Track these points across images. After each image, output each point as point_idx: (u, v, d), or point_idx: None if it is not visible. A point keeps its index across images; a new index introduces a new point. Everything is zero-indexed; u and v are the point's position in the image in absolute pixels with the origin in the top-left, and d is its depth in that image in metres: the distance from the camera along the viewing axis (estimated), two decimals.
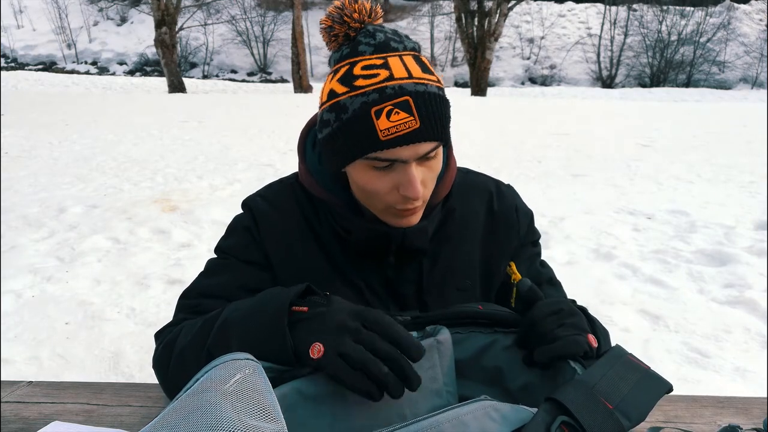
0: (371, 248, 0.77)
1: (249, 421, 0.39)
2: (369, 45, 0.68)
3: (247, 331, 0.59)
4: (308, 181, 0.80)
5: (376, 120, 0.64)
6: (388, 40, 0.69)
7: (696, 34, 32.10)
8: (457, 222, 0.83)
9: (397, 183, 0.69)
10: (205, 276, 0.82)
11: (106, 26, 34.41)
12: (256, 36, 33.28)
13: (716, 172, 5.99)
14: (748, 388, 1.93)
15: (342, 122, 0.67)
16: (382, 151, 0.66)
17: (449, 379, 0.63)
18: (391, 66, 0.66)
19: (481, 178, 0.91)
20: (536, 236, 0.92)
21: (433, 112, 0.66)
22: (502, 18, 19.54)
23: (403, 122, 0.64)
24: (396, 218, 0.74)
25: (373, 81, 0.65)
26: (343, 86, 0.67)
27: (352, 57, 0.68)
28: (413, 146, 0.66)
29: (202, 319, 0.67)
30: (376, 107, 0.64)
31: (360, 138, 0.66)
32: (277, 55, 32.93)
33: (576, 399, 0.47)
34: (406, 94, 0.65)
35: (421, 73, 0.68)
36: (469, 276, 0.82)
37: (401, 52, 0.69)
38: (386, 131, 0.64)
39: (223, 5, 30.87)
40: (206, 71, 32.74)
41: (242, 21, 32.40)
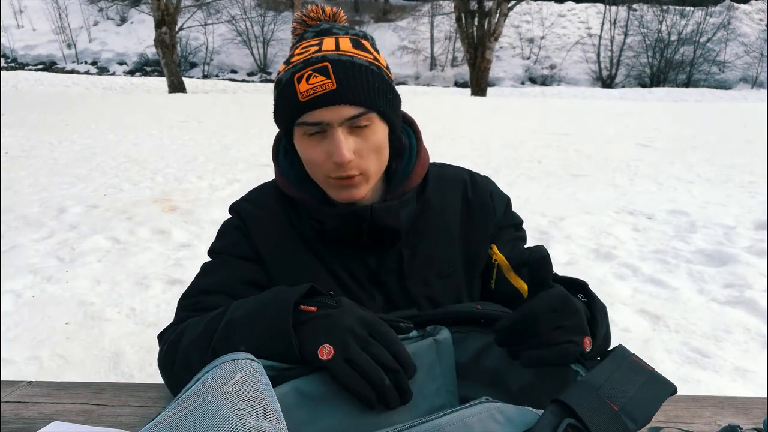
0: (344, 232, 0.79)
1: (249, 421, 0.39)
2: (312, 32, 0.77)
3: (251, 331, 0.60)
4: (282, 182, 0.84)
5: (297, 84, 0.70)
6: (332, 28, 0.77)
7: (696, 34, 32.10)
8: (434, 212, 0.85)
9: (328, 151, 0.72)
10: (202, 276, 0.84)
11: (106, 26, 34.40)
12: (256, 36, 33.30)
13: (716, 172, 5.99)
14: (748, 388, 1.93)
15: (277, 93, 0.75)
16: (305, 114, 0.70)
17: (449, 379, 0.63)
18: (323, 42, 0.73)
19: (455, 169, 0.93)
20: (517, 220, 0.92)
21: (354, 78, 0.70)
22: (502, 18, 19.54)
23: (320, 84, 0.69)
24: (336, 190, 0.76)
25: (302, 56, 0.72)
26: (284, 65, 0.75)
27: (297, 43, 0.77)
28: (333, 108, 0.70)
29: (206, 319, 0.67)
30: (298, 74, 0.70)
31: (287, 103, 0.72)
32: (277, 55, 32.92)
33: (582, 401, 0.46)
34: (326, 61, 0.70)
35: (352, 49, 0.72)
36: (449, 263, 0.84)
37: (340, 35, 0.75)
38: (304, 93, 0.69)
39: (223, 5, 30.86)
40: (206, 71, 32.74)
41: (242, 21, 32.42)
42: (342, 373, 0.54)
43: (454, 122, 10.04)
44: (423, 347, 0.62)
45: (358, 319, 0.57)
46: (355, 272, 0.81)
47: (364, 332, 0.56)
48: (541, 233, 3.65)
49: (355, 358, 0.54)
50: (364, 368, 0.54)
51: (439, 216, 0.85)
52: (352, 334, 0.55)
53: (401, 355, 0.56)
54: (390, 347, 0.56)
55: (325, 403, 0.56)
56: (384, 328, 0.57)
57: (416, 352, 0.61)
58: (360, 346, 0.55)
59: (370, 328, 0.57)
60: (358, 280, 0.81)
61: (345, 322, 0.56)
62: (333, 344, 0.55)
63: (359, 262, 0.81)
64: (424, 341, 0.63)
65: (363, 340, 0.55)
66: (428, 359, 0.62)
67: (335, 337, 0.55)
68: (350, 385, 0.54)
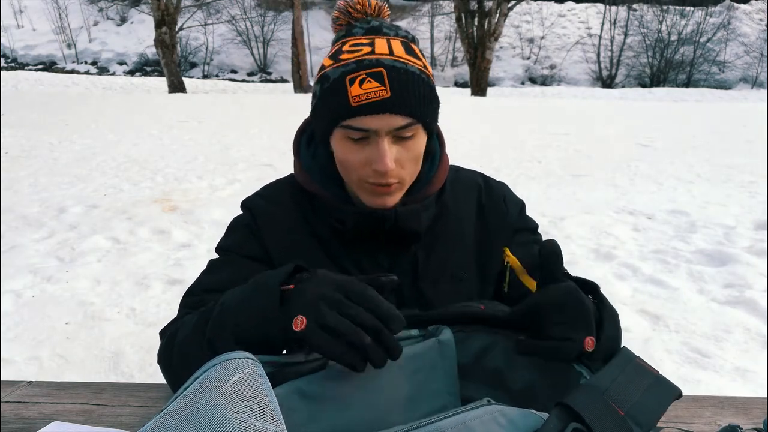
0: (365, 232, 0.78)
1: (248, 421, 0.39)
2: (361, 28, 0.74)
3: (241, 317, 0.59)
4: (302, 177, 0.83)
5: (349, 87, 0.68)
6: (382, 26, 0.74)
7: (696, 34, 32.09)
8: (449, 217, 0.86)
9: (369, 157, 0.71)
10: (207, 273, 0.83)
11: (106, 26, 34.39)
12: (256, 36, 33.29)
13: (716, 172, 5.99)
14: (748, 388, 1.93)
15: (323, 90, 0.72)
16: (354, 118, 0.69)
17: (451, 380, 0.63)
18: (375, 43, 0.70)
19: (470, 173, 0.94)
20: (531, 224, 0.93)
21: (408, 88, 0.68)
22: (502, 18, 19.53)
23: (374, 90, 0.67)
24: (370, 195, 0.76)
25: (355, 54, 0.70)
26: (330, 60, 0.73)
27: (344, 38, 0.74)
28: (383, 117, 0.68)
29: (200, 311, 0.68)
30: (351, 75, 0.68)
31: (335, 104, 0.70)
32: (277, 55, 32.92)
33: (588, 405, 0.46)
34: (381, 66, 0.68)
35: (404, 54, 0.71)
36: (463, 267, 0.84)
37: (391, 37, 0.73)
38: (357, 98, 0.67)
39: (223, 5, 30.85)
40: (206, 71, 32.73)
41: (242, 21, 32.40)
42: (317, 341, 0.52)
43: (454, 122, 10.02)
44: (425, 347, 0.62)
45: (332, 284, 0.55)
46: (368, 271, 0.81)
47: (339, 295, 0.54)
48: (541, 233, 3.65)
49: (329, 322, 0.52)
50: (341, 331, 0.51)
51: (455, 220, 0.86)
52: (324, 299, 0.54)
53: (381, 310, 0.53)
54: (368, 304, 0.53)
55: (325, 404, 0.56)
56: (359, 287, 0.55)
57: (418, 352, 0.61)
58: (335, 310, 0.53)
59: (345, 290, 0.55)
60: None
61: (317, 289, 0.55)
62: (305, 313, 0.53)
63: (373, 262, 0.81)
64: (427, 341, 0.63)
65: (338, 302, 0.53)
66: (430, 359, 0.62)
67: (307, 305, 0.54)
68: (328, 352, 0.52)
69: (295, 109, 11.92)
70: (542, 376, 0.62)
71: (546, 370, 0.62)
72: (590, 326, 0.60)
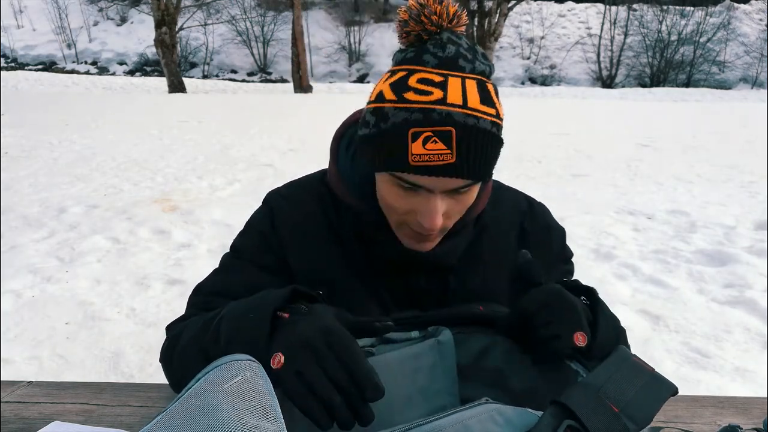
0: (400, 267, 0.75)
1: (249, 421, 0.39)
2: (435, 56, 0.63)
3: (234, 334, 0.58)
4: (337, 184, 0.77)
5: (411, 142, 0.60)
6: (458, 56, 0.63)
7: (696, 34, 32.08)
8: (488, 240, 0.81)
9: (417, 208, 0.66)
10: (218, 273, 0.81)
11: (106, 26, 34.40)
12: (256, 36, 33.29)
13: (716, 172, 5.99)
14: (748, 388, 1.93)
15: (380, 130, 0.64)
16: (409, 174, 0.63)
17: (450, 380, 0.63)
18: (448, 87, 0.61)
19: (513, 193, 0.88)
20: (569, 254, 0.90)
21: (475, 151, 0.62)
22: (502, 18, 19.54)
23: (438, 153, 0.60)
24: (409, 239, 0.72)
25: (423, 98, 0.61)
26: (393, 93, 0.63)
27: (413, 64, 0.64)
28: (442, 179, 0.63)
29: (204, 319, 0.67)
30: (415, 129, 0.60)
31: (391, 153, 0.63)
32: (277, 55, 32.92)
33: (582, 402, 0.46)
34: (450, 125, 0.60)
35: (479, 104, 0.62)
36: (495, 295, 0.79)
37: (466, 74, 0.63)
38: (417, 157, 0.61)
39: (223, 5, 30.84)
40: (206, 71, 32.73)
41: (242, 21, 32.39)
42: (290, 386, 0.50)
43: None
44: (425, 348, 0.62)
45: (320, 329, 0.52)
46: (396, 291, 0.77)
47: (322, 344, 0.51)
48: None
49: (304, 371, 0.50)
50: (313, 384, 0.49)
51: (494, 244, 0.81)
52: (307, 345, 0.51)
53: (358, 374, 0.50)
54: (348, 364, 0.50)
55: None
56: (346, 341, 0.52)
57: (418, 353, 0.61)
58: (314, 358, 0.50)
59: (331, 340, 0.51)
60: (398, 299, 0.77)
61: (303, 332, 0.52)
62: (285, 354, 0.51)
63: (402, 281, 0.77)
64: (426, 342, 0.63)
65: (318, 352, 0.51)
66: (430, 360, 0.62)
67: (289, 347, 0.52)
68: (297, 401, 0.49)
69: (295, 109, 11.92)
70: (542, 376, 0.63)
71: (546, 371, 0.62)
72: (578, 322, 0.60)
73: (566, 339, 0.59)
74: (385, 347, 0.63)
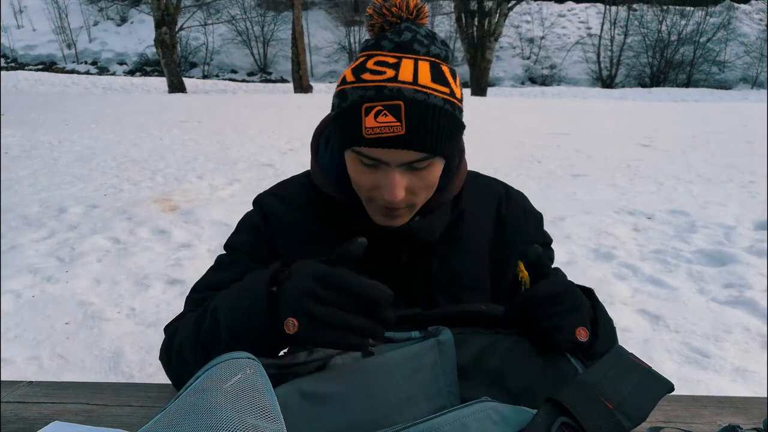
0: (381, 246, 0.77)
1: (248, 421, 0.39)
2: (391, 42, 0.69)
3: (233, 323, 0.61)
4: (319, 178, 0.81)
5: (364, 116, 0.65)
6: (413, 41, 0.68)
7: (696, 34, 32.07)
8: (466, 224, 0.84)
9: (379, 182, 0.70)
10: (214, 270, 0.84)
11: (106, 26, 34.39)
12: (256, 36, 33.27)
13: (716, 172, 5.99)
14: (748, 388, 1.93)
15: (340, 110, 0.69)
16: (365, 148, 0.67)
17: (450, 380, 0.63)
18: (401, 67, 0.66)
19: (490, 181, 0.92)
20: (547, 239, 0.92)
21: (426, 123, 0.65)
22: (502, 18, 19.54)
23: (389, 126, 0.64)
24: (379, 215, 0.75)
25: (377, 78, 0.66)
26: (353, 76, 0.69)
27: (372, 50, 0.70)
28: (395, 151, 0.66)
29: (198, 312, 0.69)
30: (368, 104, 0.65)
31: (348, 129, 0.68)
32: (277, 55, 32.90)
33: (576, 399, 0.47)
34: (400, 99, 0.64)
35: (429, 82, 0.66)
36: (478, 276, 0.82)
37: (420, 56, 0.68)
38: (370, 130, 0.65)
39: (223, 5, 30.83)
40: (206, 71, 32.72)
41: (242, 21, 32.38)
42: (314, 337, 0.53)
43: None
44: (425, 348, 0.62)
45: (309, 277, 0.56)
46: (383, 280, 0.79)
47: (318, 288, 0.55)
48: None
49: (318, 316, 0.53)
50: (332, 322, 0.53)
51: (472, 228, 0.84)
52: (307, 296, 0.54)
53: (364, 290, 0.54)
54: (349, 288, 0.54)
55: (326, 403, 0.56)
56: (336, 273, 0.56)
57: (418, 353, 0.61)
58: (320, 302, 0.54)
59: (323, 280, 0.55)
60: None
61: (297, 288, 0.56)
62: (294, 315, 0.54)
63: (387, 270, 0.80)
64: (427, 342, 0.63)
65: (320, 296, 0.54)
66: (430, 360, 0.62)
67: (293, 308, 0.55)
68: (328, 344, 0.53)
69: (295, 109, 11.92)
70: (541, 375, 0.63)
71: (545, 371, 0.62)
72: (583, 318, 0.63)
73: (567, 332, 0.60)
74: (386, 347, 0.63)
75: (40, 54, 32.30)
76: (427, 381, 0.61)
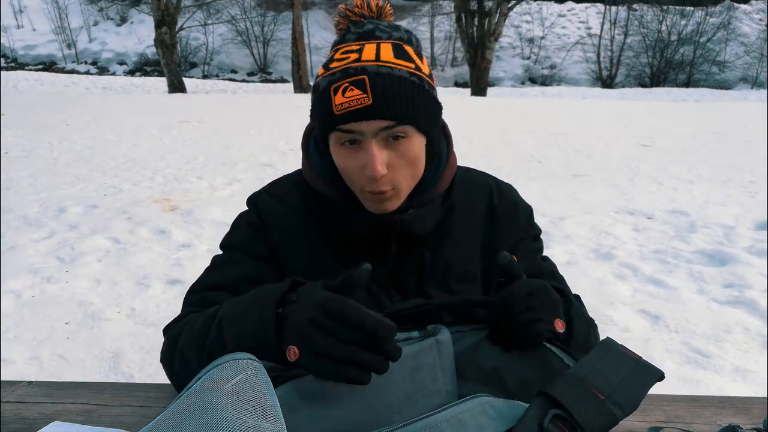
0: (372, 238, 0.78)
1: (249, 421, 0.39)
2: (354, 33, 0.74)
3: (240, 334, 0.60)
4: (310, 175, 0.82)
5: (333, 96, 0.68)
6: (374, 30, 0.73)
7: (696, 34, 32.09)
8: (458, 217, 0.85)
9: (362, 162, 0.71)
10: (211, 270, 0.83)
11: (106, 26, 34.40)
12: (256, 36, 33.30)
13: (716, 172, 5.99)
14: (748, 388, 1.93)
15: (314, 100, 0.73)
16: (339, 125, 0.69)
17: (449, 379, 0.63)
18: (363, 50, 0.70)
19: (481, 175, 0.93)
20: (537, 231, 0.93)
21: (391, 92, 0.68)
22: (502, 18, 19.55)
23: (356, 98, 0.67)
24: (369, 201, 0.75)
25: (342, 63, 0.70)
26: (323, 69, 0.73)
27: (338, 44, 0.74)
28: (367, 123, 0.68)
29: (203, 318, 0.68)
30: (335, 84, 0.68)
31: (322, 113, 0.71)
32: (277, 55, 32.93)
33: (567, 391, 0.48)
34: (364, 74, 0.68)
35: (392, 58, 0.70)
36: (469, 268, 0.83)
37: (383, 40, 0.72)
38: (339, 106, 0.68)
39: (223, 5, 30.84)
40: (206, 71, 32.73)
41: (242, 21, 32.41)
42: (315, 368, 0.54)
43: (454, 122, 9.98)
44: (424, 347, 0.63)
45: (314, 306, 0.55)
46: (376, 272, 0.79)
47: (322, 317, 0.54)
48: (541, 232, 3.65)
49: (320, 348, 0.53)
50: (334, 355, 0.52)
51: (463, 221, 0.85)
52: (311, 325, 0.54)
53: (366, 323, 0.53)
54: (353, 320, 0.53)
55: (326, 403, 0.56)
56: (341, 303, 0.55)
57: (418, 352, 0.62)
58: (322, 333, 0.53)
59: (327, 310, 0.55)
60: (377, 279, 0.80)
61: (302, 316, 0.55)
62: (296, 344, 0.54)
63: (380, 262, 0.80)
64: (426, 341, 0.63)
65: (323, 326, 0.54)
66: (429, 359, 0.62)
67: (295, 335, 0.55)
68: (328, 375, 0.53)
69: (295, 109, 11.93)
70: (535, 369, 0.64)
71: (538, 363, 0.63)
72: (558, 311, 0.67)
73: (547, 322, 0.64)
74: None
75: (40, 54, 32.30)
76: (426, 380, 0.61)
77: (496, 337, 0.68)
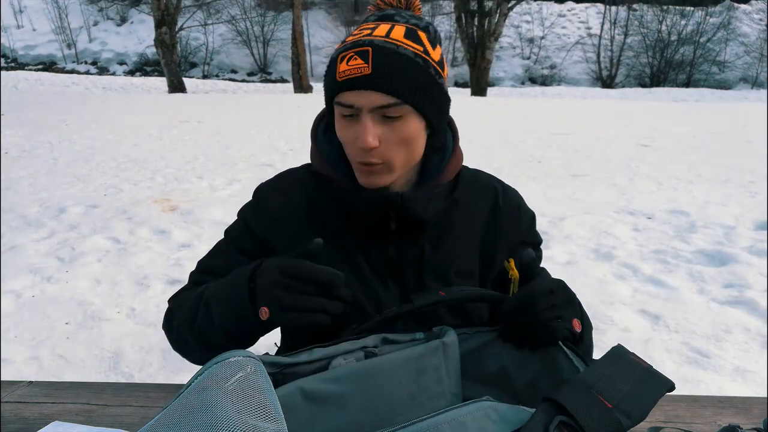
0: (371, 217, 0.78)
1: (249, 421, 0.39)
2: (375, 15, 0.78)
3: (224, 312, 0.70)
4: (317, 160, 0.84)
5: (339, 64, 0.71)
6: (395, 14, 0.76)
7: (696, 34, 32.09)
8: (461, 213, 0.85)
9: (356, 134, 0.73)
10: (211, 254, 0.91)
11: (106, 26, 34.39)
12: (256, 36, 33.29)
13: (716, 172, 5.99)
14: (748, 388, 1.93)
15: (326, 70, 0.76)
16: (340, 94, 0.71)
17: (454, 381, 0.63)
18: (377, 28, 0.73)
19: (488, 177, 0.94)
20: (537, 239, 0.93)
21: (393, 67, 0.69)
22: (502, 18, 19.54)
23: (357, 67, 0.69)
24: (361, 174, 0.77)
25: (355, 36, 0.73)
26: (339, 44, 0.75)
27: (360, 24, 0.77)
28: (365, 93, 0.69)
29: (191, 297, 0.79)
30: (342, 53, 0.71)
31: (328, 80, 0.74)
32: (277, 55, 32.93)
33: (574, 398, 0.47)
34: (370, 46, 0.70)
35: (402, 38, 0.71)
36: (469, 263, 0.84)
37: (399, 23, 0.74)
38: (341, 73, 0.70)
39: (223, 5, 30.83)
40: (206, 71, 32.73)
41: (242, 21, 32.40)
42: (284, 320, 0.63)
43: None
44: (429, 349, 0.62)
45: (272, 269, 0.65)
46: (374, 261, 0.81)
47: (281, 277, 0.64)
48: (541, 233, 3.64)
49: (284, 303, 0.63)
50: (296, 306, 0.62)
51: (466, 217, 0.86)
52: (273, 285, 0.64)
53: (319, 275, 0.64)
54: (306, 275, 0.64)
55: (327, 404, 0.56)
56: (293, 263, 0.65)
57: (423, 354, 0.62)
58: (283, 290, 0.63)
59: (285, 272, 0.64)
60: (376, 269, 0.81)
61: (266, 279, 0.65)
62: (265, 304, 0.64)
63: (380, 250, 0.81)
64: (431, 343, 0.63)
65: (284, 284, 0.64)
66: (434, 362, 0.62)
67: (263, 297, 0.64)
68: (294, 325, 0.63)
69: (295, 109, 11.92)
70: (544, 371, 0.63)
71: (549, 367, 0.62)
72: (577, 310, 0.69)
73: (567, 321, 0.65)
74: (390, 347, 0.63)
75: (40, 54, 32.29)
76: (430, 382, 0.61)
77: (509, 334, 0.68)
